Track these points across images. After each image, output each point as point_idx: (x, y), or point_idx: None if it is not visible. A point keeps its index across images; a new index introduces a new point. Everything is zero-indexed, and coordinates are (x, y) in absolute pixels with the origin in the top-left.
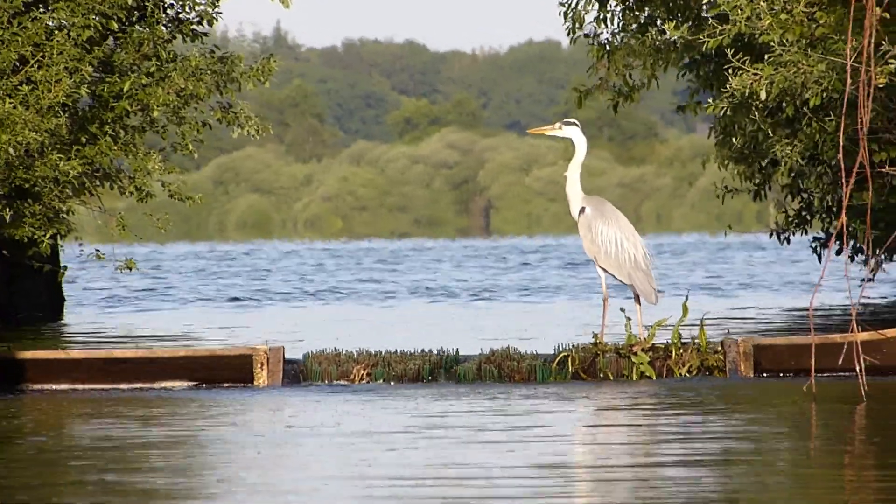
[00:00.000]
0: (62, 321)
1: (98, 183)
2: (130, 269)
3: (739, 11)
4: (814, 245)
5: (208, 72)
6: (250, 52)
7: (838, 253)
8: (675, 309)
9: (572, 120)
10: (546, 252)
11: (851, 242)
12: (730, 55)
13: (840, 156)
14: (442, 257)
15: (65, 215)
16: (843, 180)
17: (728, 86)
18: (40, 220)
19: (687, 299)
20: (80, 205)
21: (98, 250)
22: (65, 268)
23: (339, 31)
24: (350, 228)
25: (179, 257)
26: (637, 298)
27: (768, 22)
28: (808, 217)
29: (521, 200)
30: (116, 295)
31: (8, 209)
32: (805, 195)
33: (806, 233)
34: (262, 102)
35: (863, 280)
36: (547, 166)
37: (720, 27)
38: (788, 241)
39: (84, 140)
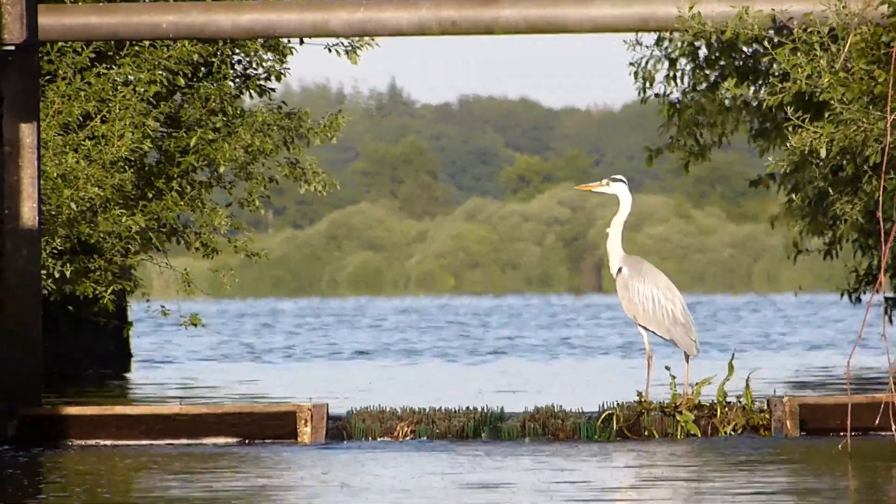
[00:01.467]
0: (128, 376)
1: (165, 238)
2: (195, 325)
3: (799, 70)
4: (885, 305)
5: (275, 127)
6: (366, 108)
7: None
8: (722, 369)
9: (619, 177)
10: None
11: None
12: (789, 113)
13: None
14: (542, 314)
15: (134, 271)
16: (882, 239)
17: (788, 144)
18: (102, 276)
19: (733, 357)
20: (147, 260)
21: (163, 307)
22: (130, 323)
23: (453, 88)
24: (462, 286)
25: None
26: (686, 357)
27: (828, 80)
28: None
29: None
30: (194, 350)
31: (69, 265)
32: (876, 253)
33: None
34: (376, 159)
35: None
36: (658, 224)
37: (780, 85)
38: (859, 300)
39: (150, 195)
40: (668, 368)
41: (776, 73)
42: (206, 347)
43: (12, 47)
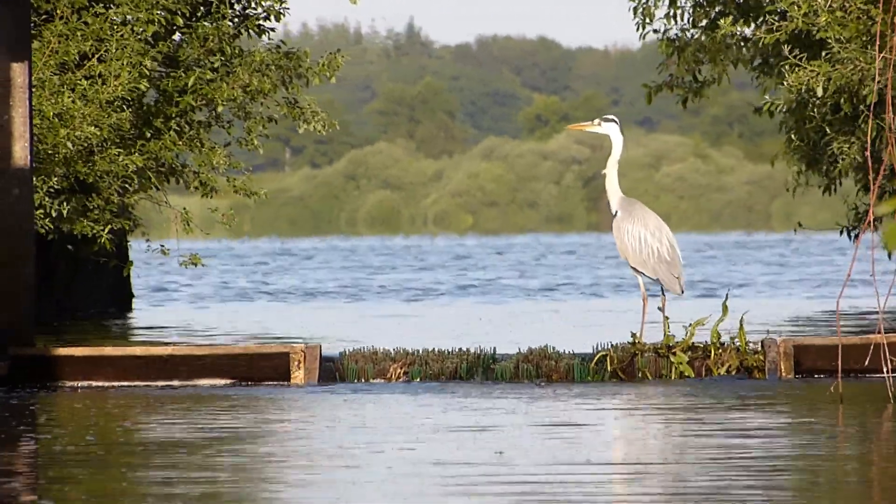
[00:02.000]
0: (130, 316)
1: (164, 178)
2: (196, 264)
3: (797, 8)
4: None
5: (273, 67)
6: (383, 48)
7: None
8: (715, 308)
9: (611, 116)
10: None
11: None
12: (786, 51)
13: (890, 151)
14: (558, 252)
15: (133, 210)
16: (871, 177)
17: (785, 82)
18: (100, 215)
19: (727, 298)
20: (147, 199)
21: (163, 246)
22: (130, 263)
23: (472, 28)
24: (479, 224)
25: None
26: (662, 291)
27: (825, 19)
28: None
29: (650, 196)
30: (201, 292)
31: (66, 203)
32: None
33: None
34: (392, 98)
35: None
36: (677, 162)
37: (777, 24)
38: (858, 238)
39: (148, 135)
40: (660, 309)
41: (776, 12)
42: (211, 287)
43: None
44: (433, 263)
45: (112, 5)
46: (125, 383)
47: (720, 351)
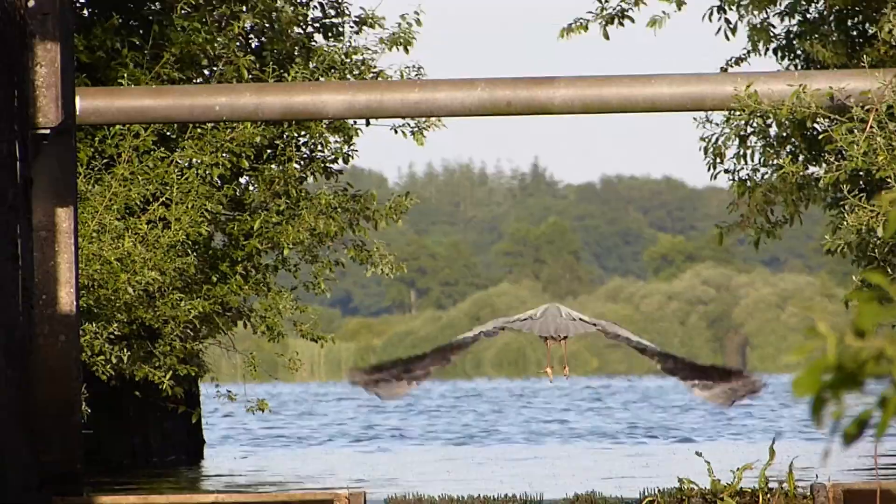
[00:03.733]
0: (202, 463)
1: (230, 322)
2: (262, 410)
3: (856, 147)
4: None
5: (339, 210)
6: (509, 188)
7: None
8: (763, 453)
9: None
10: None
11: None
12: (845, 191)
13: None
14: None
15: (202, 355)
16: None
17: (844, 223)
18: (161, 361)
19: (774, 442)
20: (215, 345)
21: (230, 391)
22: (197, 409)
23: (596, 167)
24: (606, 366)
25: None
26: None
27: (883, 158)
28: None
29: (777, 337)
30: (297, 434)
31: (126, 350)
32: None
33: None
34: (517, 239)
35: None
36: (804, 303)
37: (836, 163)
38: None
39: (214, 279)
40: (699, 454)
41: (835, 151)
42: (289, 430)
43: (48, 131)
44: (547, 406)
45: (177, 148)
46: None
47: (768, 496)
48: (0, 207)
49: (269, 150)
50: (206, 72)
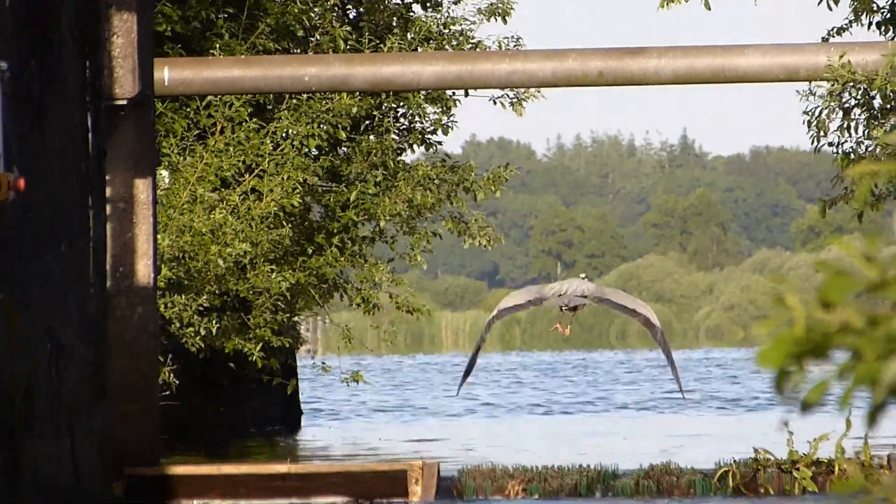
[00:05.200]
0: (298, 434)
1: (326, 293)
2: (357, 381)
3: None
4: None
5: (437, 181)
6: (657, 160)
7: None
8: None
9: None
10: None
11: None
12: None
13: None
14: None
15: (300, 326)
16: None
17: None
18: (252, 333)
19: (850, 413)
20: (311, 316)
21: (324, 363)
22: (293, 380)
23: (745, 140)
24: (751, 338)
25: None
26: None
27: None
28: None
29: None
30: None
31: (215, 322)
32: None
33: None
34: (665, 210)
35: None
36: None
37: None
38: None
39: (310, 251)
40: (786, 424)
41: None
42: (392, 402)
43: (124, 101)
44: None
45: (272, 119)
46: (242, 501)
47: (845, 466)
48: (70, 180)
49: (366, 122)
50: (302, 43)
